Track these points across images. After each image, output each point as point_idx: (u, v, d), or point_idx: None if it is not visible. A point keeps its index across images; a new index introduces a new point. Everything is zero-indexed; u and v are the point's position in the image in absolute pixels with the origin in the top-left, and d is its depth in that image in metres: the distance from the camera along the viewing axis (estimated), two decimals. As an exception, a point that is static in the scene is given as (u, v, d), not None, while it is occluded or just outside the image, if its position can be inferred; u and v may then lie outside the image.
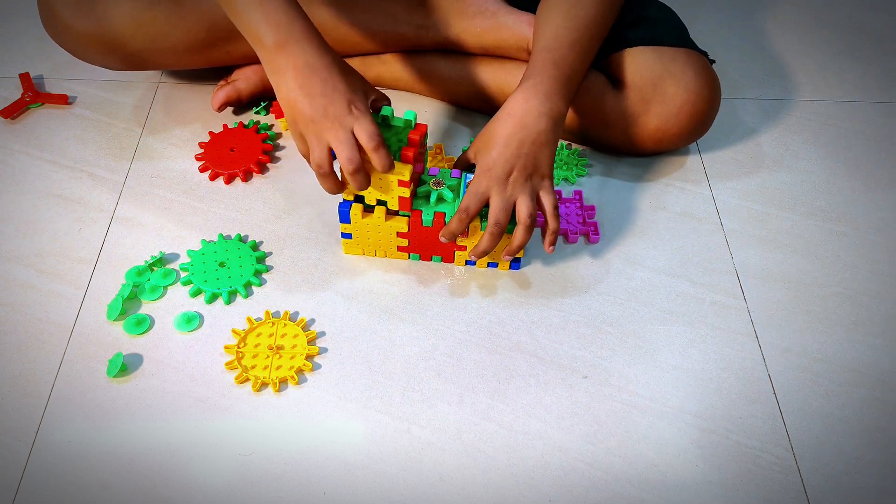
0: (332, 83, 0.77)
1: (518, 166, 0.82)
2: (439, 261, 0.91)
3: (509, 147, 0.82)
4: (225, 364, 0.81)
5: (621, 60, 0.97)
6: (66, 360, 0.82)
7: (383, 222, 0.86)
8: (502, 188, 0.82)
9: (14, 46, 1.18)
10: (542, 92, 0.83)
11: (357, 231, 0.88)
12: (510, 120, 0.83)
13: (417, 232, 0.87)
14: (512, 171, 0.82)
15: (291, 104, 0.78)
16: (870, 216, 0.99)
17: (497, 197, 0.82)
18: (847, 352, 0.85)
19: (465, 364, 0.83)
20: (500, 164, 0.81)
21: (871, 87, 1.17)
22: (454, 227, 0.83)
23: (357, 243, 0.90)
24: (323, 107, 0.77)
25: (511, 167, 0.82)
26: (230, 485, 0.73)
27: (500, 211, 0.82)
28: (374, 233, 0.88)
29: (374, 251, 0.91)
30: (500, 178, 0.81)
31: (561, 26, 0.87)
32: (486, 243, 0.83)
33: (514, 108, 0.83)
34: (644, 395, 0.81)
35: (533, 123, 0.82)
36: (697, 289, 0.90)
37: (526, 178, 0.82)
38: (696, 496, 0.74)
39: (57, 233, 0.93)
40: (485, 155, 0.82)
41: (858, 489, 0.75)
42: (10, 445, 0.76)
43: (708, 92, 0.96)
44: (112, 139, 1.05)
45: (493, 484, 0.74)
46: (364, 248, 0.91)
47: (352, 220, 0.87)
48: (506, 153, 0.82)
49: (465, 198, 0.82)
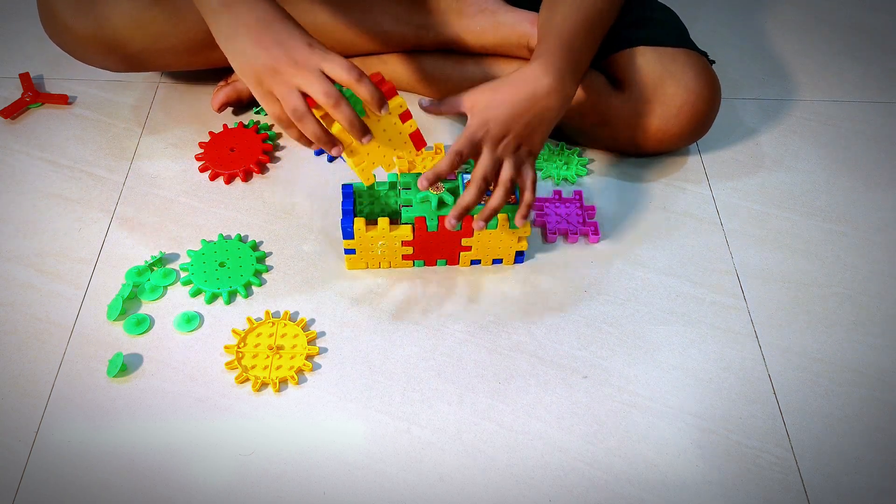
0: (287, 31, 0.74)
1: (514, 132, 0.81)
2: (444, 264, 0.91)
3: (514, 111, 0.80)
4: (225, 364, 0.81)
5: (622, 61, 0.98)
6: (66, 360, 0.82)
7: (388, 233, 0.86)
8: (493, 147, 0.81)
9: (14, 46, 1.18)
10: (556, 69, 0.82)
11: (361, 245, 0.87)
12: (523, 87, 0.81)
13: (422, 238, 0.87)
14: (507, 135, 0.81)
15: (250, 62, 0.74)
16: (870, 216, 0.99)
17: (487, 153, 0.81)
18: (847, 352, 0.85)
19: (465, 364, 0.83)
20: (500, 124, 0.80)
21: (871, 87, 1.17)
22: (444, 166, 0.79)
23: (361, 258, 0.89)
24: (283, 53, 0.73)
25: (507, 130, 0.81)
26: (230, 485, 0.73)
27: (487, 167, 0.80)
28: (378, 245, 0.87)
29: (378, 263, 0.90)
30: (494, 137, 0.80)
31: (569, 15, 0.86)
32: (471, 197, 0.81)
33: (528, 76, 0.81)
34: (644, 395, 0.81)
35: (543, 97, 0.81)
36: (697, 289, 0.90)
37: (517, 146, 0.82)
38: (696, 496, 0.74)
39: (57, 233, 0.93)
40: (486, 109, 0.80)
41: (858, 489, 0.75)
42: (10, 445, 0.76)
43: (708, 92, 0.96)
44: (112, 139, 1.05)
45: (493, 484, 0.74)
46: (368, 262, 0.90)
47: (356, 235, 0.86)
48: (508, 115, 0.80)
49: (459, 141, 0.79)
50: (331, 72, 0.74)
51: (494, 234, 0.87)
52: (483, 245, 0.88)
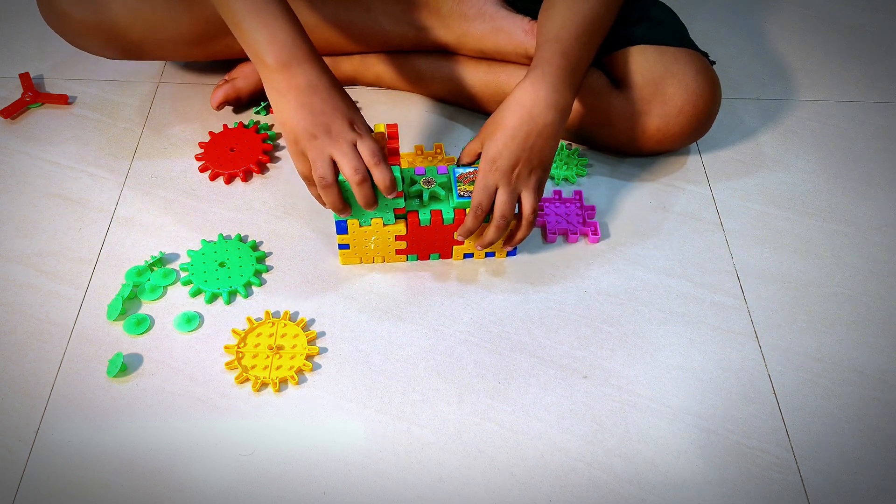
0: (333, 102, 0.78)
1: (523, 160, 0.82)
2: (437, 258, 0.91)
3: (516, 139, 0.81)
4: (225, 364, 0.82)
5: (622, 60, 0.98)
6: (66, 360, 0.82)
7: (381, 228, 0.86)
8: (508, 181, 0.82)
9: (14, 46, 1.18)
10: (550, 83, 0.83)
11: (355, 240, 0.88)
12: (519, 110, 0.82)
13: (415, 233, 0.87)
14: (517, 164, 0.82)
15: (293, 122, 0.78)
16: (870, 216, 0.99)
17: (503, 190, 0.82)
18: (847, 352, 0.85)
19: (465, 364, 0.83)
20: (506, 156, 0.82)
21: (871, 87, 1.17)
22: (471, 224, 0.84)
23: (355, 252, 0.89)
24: (325, 123, 0.78)
25: (517, 159, 0.82)
26: (230, 485, 0.73)
27: (505, 205, 0.82)
28: (371, 240, 0.88)
29: (371, 258, 0.91)
30: (505, 172, 0.82)
31: (567, 18, 0.87)
32: (493, 235, 0.85)
33: (522, 99, 0.83)
34: (644, 395, 0.81)
35: (541, 115, 0.82)
36: (697, 289, 0.90)
37: (530, 171, 0.83)
38: (696, 496, 0.74)
39: (57, 233, 0.93)
40: (491, 144, 0.82)
41: (858, 489, 0.75)
42: (10, 445, 0.76)
43: (709, 92, 0.96)
44: (112, 139, 1.05)
45: (493, 484, 0.74)
46: (362, 257, 0.90)
47: (349, 230, 0.86)
48: (512, 145, 0.81)
49: (476, 194, 0.82)
50: (360, 150, 0.78)
51: None
52: None
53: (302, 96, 0.78)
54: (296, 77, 0.78)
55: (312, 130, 0.78)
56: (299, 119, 0.78)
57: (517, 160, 0.82)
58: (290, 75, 0.78)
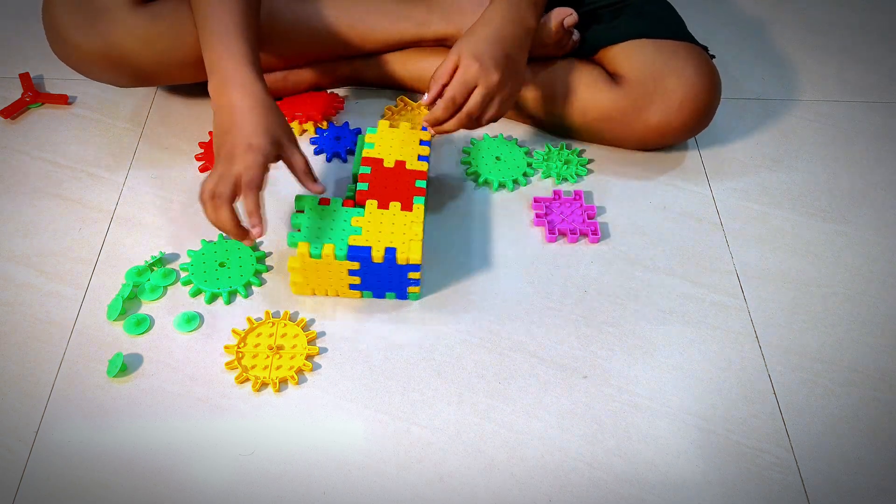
0: (240, 124, 0.79)
1: (503, 66, 0.85)
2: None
3: (494, 44, 0.85)
4: (225, 364, 0.82)
5: (620, 54, 0.98)
6: (66, 360, 0.82)
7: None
8: (488, 80, 0.85)
9: (14, 46, 1.18)
10: (513, 3, 0.88)
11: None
12: (489, 25, 0.86)
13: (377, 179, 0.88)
14: (498, 69, 0.85)
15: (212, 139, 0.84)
16: (870, 216, 0.99)
17: (481, 88, 0.85)
18: (847, 352, 0.85)
19: (465, 364, 0.83)
20: (489, 57, 0.84)
21: (871, 87, 1.17)
22: (441, 114, 0.86)
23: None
24: (220, 144, 0.80)
25: (497, 63, 0.85)
26: (230, 485, 0.73)
27: (478, 105, 0.86)
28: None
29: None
30: (487, 70, 0.84)
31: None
32: (453, 126, 0.87)
33: (488, 17, 0.87)
34: (644, 395, 0.81)
35: (510, 29, 0.87)
36: (697, 289, 0.90)
37: (508, 79, 0.86)
38: (696, 496, 0.74)
39: (57, 233, 0.93)
40: (470, 46, 0.85)
41: (858, 489, 0.75)
42: (10, 445, 0.76)
43: (709, 86, 0.96)
44: (112, 139, 1.05)
45: (493, 484, 0.74)
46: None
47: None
48: (492, 48, 0.85)
49: (453, 86, 0.84)
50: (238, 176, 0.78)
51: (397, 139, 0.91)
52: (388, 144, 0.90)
53: (222, 116, 0.81)
54: (223, 96, 0.81)
55: (217, 150, 0.81)
56: (215, 141, 0.82)
57: (498, 62, 0.85)
58: (219, 94, 0.82)
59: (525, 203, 0.98)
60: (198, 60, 0.98)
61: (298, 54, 1.04)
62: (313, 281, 0.85)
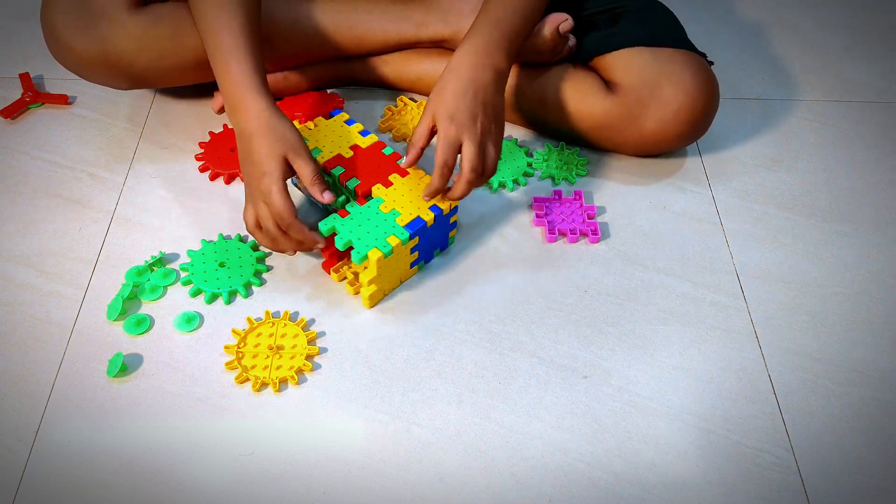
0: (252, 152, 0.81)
1: (481, 112, 0.83)
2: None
3: (467, 96, 0.82)
4: (225, 364, 0.82)
5: (617, 62, 0.97)
6: (66, 360, 0.82)
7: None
8: (473, 133, 0.82)
9: (14, 46, 1.18)
10: (482, 48, 0.85)
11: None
12: (458, 74, 0.83)
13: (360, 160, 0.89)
14: (477, 117, 0.82)
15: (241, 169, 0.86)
16: (870, 216, 0.99)
17: (470, 143, 0.82)
18: (847, 352, 0.85)
19: (465, 364, 0.83)
20: (463, 111, 0.82)
21: (871, 87, 1.17)
22: (438, 183, 0.83)
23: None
24: (244, 173, 0.84)
25: (474, 113, 0.82)
26: (230, 485, 0.73)
27: (475, 157, 0.82)
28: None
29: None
30: (467, 124, 0.82)
31: None
32: (464, 190, 0.83)
33: (456, 64, 0.84)
34: (644, 395, 0.81)
35: (479, 76, 0.83)
36: (697, 289, 0.90)
37: (491, 123, 0.84)
38: (696, 496, 0.74)
39: (57, 233, 0.93)
40: (442, 105, 0.82)
41: (858, 489, 0.75)
42: (10, 445, 0.76)
43: (706, 94, 0.95)
44: (112, 139, 1.05)
45: (493, 484, 0.74)
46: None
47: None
48: (465, 101, 0.82)
49: (441, 151, 0.81)
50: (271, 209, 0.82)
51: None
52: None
53: (240, 142, 0.84)
54: (237, 122, 0.83)
55: (243, 178, 0.84)
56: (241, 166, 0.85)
57: (474, 113, 0.82)
58: (233, 119, 0.84)
59: (525, 203, 0.98)
60: (195, 63, 0.98)
61: (297, 55, 1.04)
62: (384, 282, 0.86)
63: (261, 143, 0.81)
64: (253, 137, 0.81)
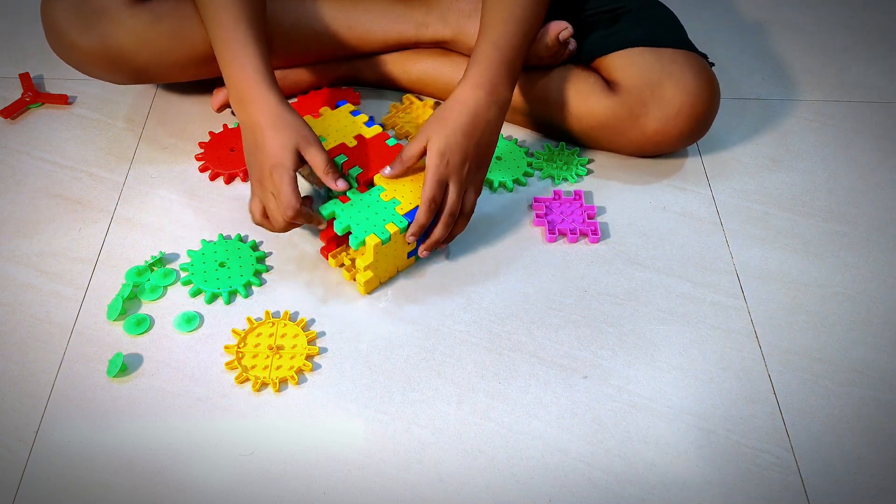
0: (262, 144, 0.81)
1: (472, 156, 0.84)
2: None
3: (465, 135, 0.83)
4: (225, 364, 0.81)
5: (618, 62, 0.97)
6: (66, 360, 0.82)
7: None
8: (459, 177, 0.83)
9: (14, 46, 1.18)
10: (489, 79, 0.85)
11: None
12: (464, 108, 0.84)
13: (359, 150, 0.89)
14: (467, 160, 0.83)
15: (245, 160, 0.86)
16: (870, 216, 0.99)
17: (454, 186, 0.83)
18: (847, 352, 0.85)
19: (465, 364, 0.83)
20: (457, 152, 0.82)
21: (871, 87, 1.17)
22: (423, 220, 0.83)
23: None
24: (250, 164, 0.84)
25: (466, 155, 0.83)
26: (230, 485, 0.73)
27: (455, 202, 0.84)
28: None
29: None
30: (457, 167, 0.83)
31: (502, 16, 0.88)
32: (441, 233, 0.85)
33: (465, 97, 0.84)
34: (644, 395, 0.81)
35: (483, 112, 0.84)
36: (697, 289, 0.90)
37: (478, 168, 0.85)
38: (696, 496, 0.74)
39: (57, 233, 0.93)
40: (439, 140, 0.83)
41: (858, 489, 0.75)
42: (10, 445, 0.76)
43: (707, 94, 0.96)
44: (112, 139, 1.05)
45: (493, 484, 0.74)
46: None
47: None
48: (462, 140, 0.83)
49: (429, 189, 0.82)
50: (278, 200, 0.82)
51: None
52: None
53: (247, 135, 0.83)
54: (243, 113, 0.83)
55: (249, 169, 0.84)
56: (246, 158, 0.84)
57: (466, 156, 0.83)
58: (239, 110, 0.83)
59: (525, 203, 0.98)
60: (196, 59, 0.98)
61: (297, 54, 1.04)
62: (381, 270, 0.87)
63: (272, 134, 0.81)
64: (264, 129, 0.81)
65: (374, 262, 0.85)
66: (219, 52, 0.84)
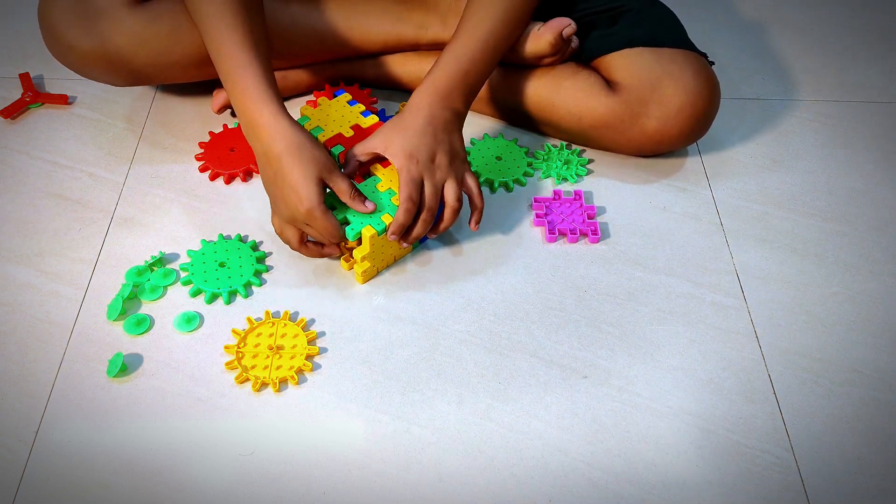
0: (282, 174, 0.81)
1: (440, 151, 0.85)
2: None
3: (426, 135, 0.84)
4: (225, 364, 0.82)
5: (618, 61, 0.97)
6: (66, 360, 0.82)
7: None
8: (432, 173, 0.84)
9: (14, 46, 1.18)
10: (442, 87, 0.87)
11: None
12: (419, 112, 0.86)
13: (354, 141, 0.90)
14: (435, 156, 0.84)
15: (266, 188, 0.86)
16: (870, 216, 0.99)
17: (429, 182, 0.84)
18: (847, 352, 0.85)
19: (465, 364, 0.83)
20: (423, 150, 0.84)
21: (871, 87, 1.17)
22: (403, 219, 0.83)
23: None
24: (270, 190, 0.84)
25: (433, 152, 0.84)
26: (230, 485, 0.73)
27: (432, 197, 0.84)
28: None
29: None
30: (426, 164, 0.84)
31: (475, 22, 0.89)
32: (421, 229, 0.86)
33: (419, 103, 0.86)
34: (644, 395, 0.81)
35: (440, 114, 0.86)
36: (697, 289, 0.90)
37: (450, 161, 0.85)
38: (696, 496, 0.74)
39: (57, 233, 0.93)
40: (401, 141, 0.84)
41: (858, 489, 0.75)
42: (10, 445, 0.76)
43: (707, 93, 0.96)
44: (112, 139, 1.05)
45: (493, 484, 0.74)
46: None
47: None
48: (425, 140, 0.84)
49: (405, 187, 0.83)
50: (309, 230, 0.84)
51: None
52: None
53: (263, 164, 0.83)
54: (255, 140, 0.83)
55: (268, 192, 0.85)
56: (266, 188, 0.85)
57: (434, 152, 0.84)
58: (250, 136, 0.83)
59: (525, 203, 0.98)
60: (195, 61, 0.98)
61: (297, 55, 1.04)
62: (378, 259, 0.88)
63: (292, 165, 0.80)
64: (282, 159, 0.80)
65: (371, 253, 0.86)
66: (221, 73, 0.84)
